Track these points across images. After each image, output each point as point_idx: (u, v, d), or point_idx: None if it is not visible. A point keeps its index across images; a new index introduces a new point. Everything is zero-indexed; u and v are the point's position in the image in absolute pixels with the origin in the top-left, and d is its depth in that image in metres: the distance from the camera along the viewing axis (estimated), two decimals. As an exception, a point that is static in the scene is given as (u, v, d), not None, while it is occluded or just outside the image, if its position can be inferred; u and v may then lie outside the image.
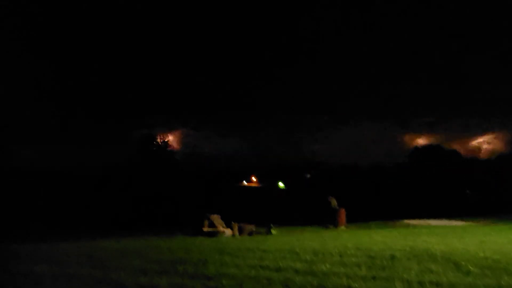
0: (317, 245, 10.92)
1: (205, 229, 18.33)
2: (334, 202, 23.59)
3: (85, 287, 6.28)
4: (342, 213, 22.41)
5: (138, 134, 54.90)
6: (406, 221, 23.95)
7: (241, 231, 18.89)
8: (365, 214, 26.62)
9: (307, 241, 12.85)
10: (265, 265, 7.91)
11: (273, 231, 19.09)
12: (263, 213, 29.72)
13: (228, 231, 18.42)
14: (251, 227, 19.31)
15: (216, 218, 19.16)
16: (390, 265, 7.65)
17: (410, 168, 53.63)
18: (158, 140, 45.67)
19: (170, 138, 48.65)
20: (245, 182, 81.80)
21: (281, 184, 76.10)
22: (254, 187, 78.21)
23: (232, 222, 19.18)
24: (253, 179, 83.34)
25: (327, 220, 22.65)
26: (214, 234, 17.80)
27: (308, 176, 74.30)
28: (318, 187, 51.31)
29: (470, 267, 7.25)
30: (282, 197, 55.95)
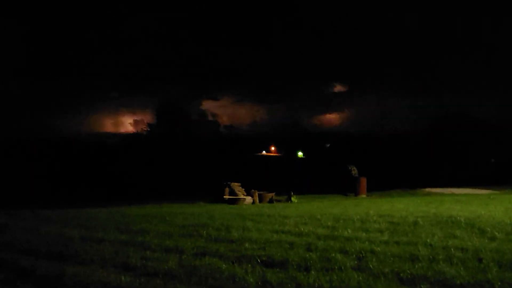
0: (338, 212, 10.94)
1: (226, 196, 18.59)
2: (354, 171, 23.48)
3: (112, 249, 6.47)
4: (363, 182, 22.31)
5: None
6: (428, 189, 23.69)
7: (261, 198, 19.10)
8: (386, 183, 26.41)
9: (328, 208, 12.89)
10: (287, 230, 7.98)
11: (293, 199, 19.20)
12: (282, 182, 29.86)
13: (248, 199, 18.65)
14: (271, 195, 19.48)
15: (237, 186, 19.39)
16: (413, 231, 7.60)
17: (433, 135, 52.56)
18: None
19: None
20: (264, 152, 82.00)
21: (300, 154, 76.01)
22: (274, 156, 78.43)
23: (252, 190, 19.38)
24: (272, 148, 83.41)
25: (347, 188, 22.64)
26: (234, 201, 18.06)
27: (328, 145, 73.90)
28: (338, 156, 51.01)
29: (496, 233, 7.12)
30: (301, 166, 56.01)
